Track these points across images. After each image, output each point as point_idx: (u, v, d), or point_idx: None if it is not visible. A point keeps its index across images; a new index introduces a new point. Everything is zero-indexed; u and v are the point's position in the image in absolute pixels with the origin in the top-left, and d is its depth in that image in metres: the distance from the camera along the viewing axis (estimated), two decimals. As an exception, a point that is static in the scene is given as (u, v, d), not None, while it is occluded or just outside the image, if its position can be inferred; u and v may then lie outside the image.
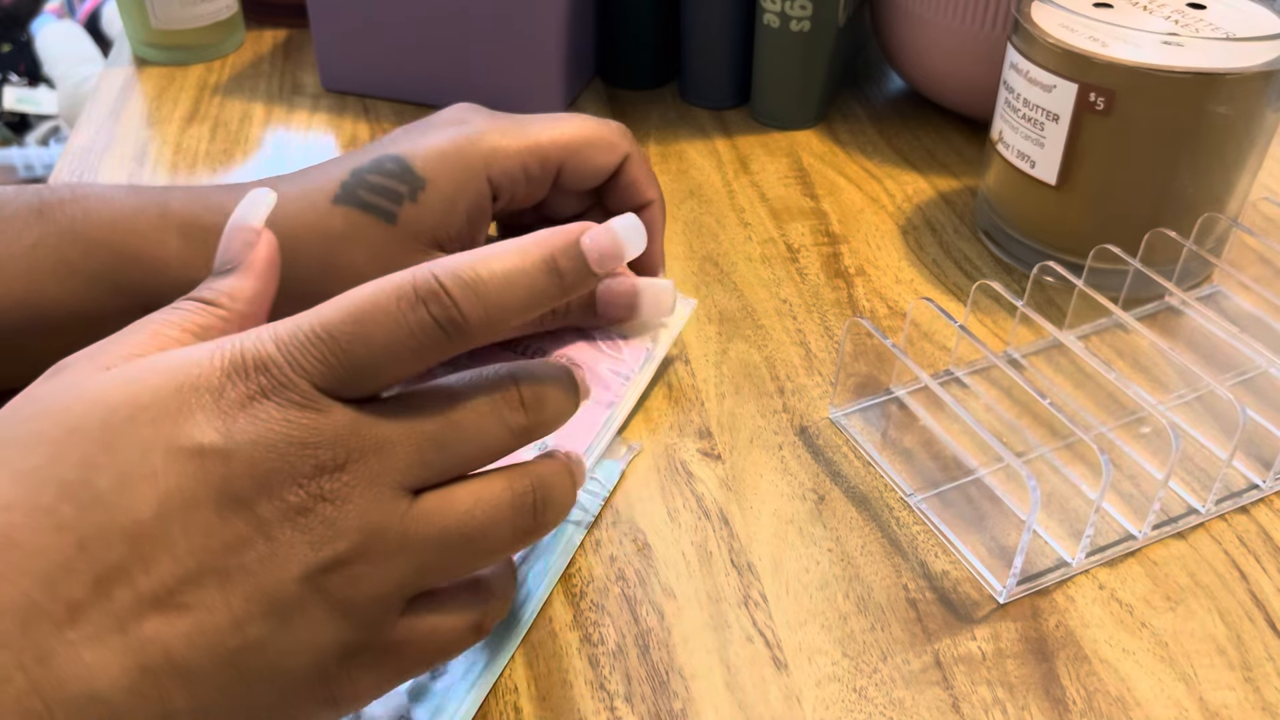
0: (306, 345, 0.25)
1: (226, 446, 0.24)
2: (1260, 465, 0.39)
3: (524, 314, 0.26)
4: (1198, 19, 0.45)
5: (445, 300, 0.25)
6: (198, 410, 0.24)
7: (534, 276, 0.26)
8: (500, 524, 0.27)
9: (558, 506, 0.28)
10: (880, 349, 0.43)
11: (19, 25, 1.90)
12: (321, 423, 0.24)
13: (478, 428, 0.26)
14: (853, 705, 0.31)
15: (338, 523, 0.24)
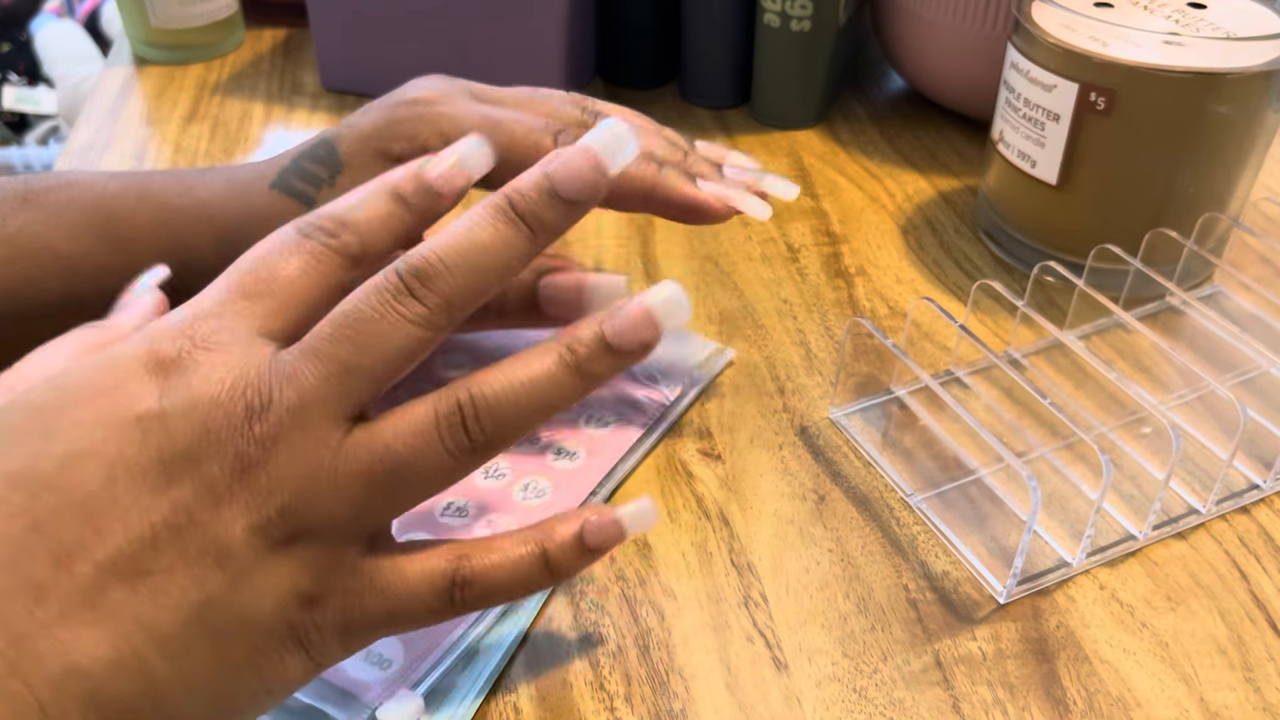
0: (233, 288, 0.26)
1: (162, 408, 0.24)
2: (1261, 465, 0.39)
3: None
4: (1198, 19, 0.45)
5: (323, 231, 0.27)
6: (129, 381, 0.25)
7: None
8: (429, 448, 0.26)
9: (496, 417, 0.26)
10: (881, 349, 0.43)
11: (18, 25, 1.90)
12: (247, 360, 0.25)
13: (377, 333, 0.26)
14: (853, 706, 0.31)
15: (273, 469, 0.25)
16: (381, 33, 0.61)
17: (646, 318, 0.27)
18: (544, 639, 0.33)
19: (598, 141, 0.28)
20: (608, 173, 0.28)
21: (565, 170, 0.27)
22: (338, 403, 0.25)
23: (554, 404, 0.27)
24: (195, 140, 0.60)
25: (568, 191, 0.27)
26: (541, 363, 0.27)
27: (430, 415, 0.26)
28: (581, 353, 0.27)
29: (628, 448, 0.39)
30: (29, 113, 1.81)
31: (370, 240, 0.28)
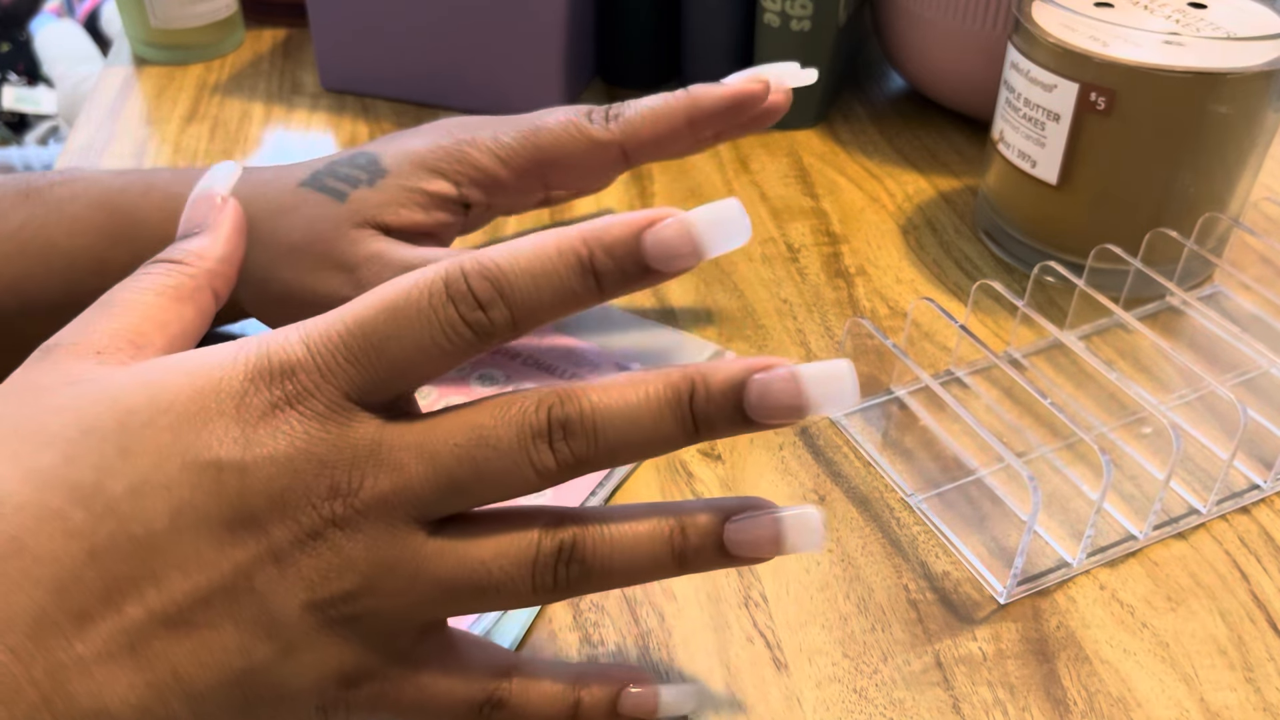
0: (339, 343, 0.24)
1: (243, 461, 0.23)
2: (1261, 465, 0.39)
3: (552, 316, 0.25)
4: (1198, 18, 0.45)
5: (471, 299, 0.24)
6: (217, 418, 0.23)
7: (563, 277, 0.24)
8: (519, 581, 0.25)
9: (590, 569, 0.25)
10: (881, 349, 0.43)
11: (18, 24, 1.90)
12: (342, 439, 0.23)
13: (501, 469, 0.24)
14: (853, 706, 0.31)
15: (346, 551, 0.24)
16: (381, 33, 0.61)
17: (772, 536, 0.25)
18: (544, 639, 0.33)
19: (811, 374, 0.24)
20: (807, 413, 0.24)
21: (763, 392, 0.24)
22: (430, 508, 0.24)
23: (645, 575, 0.26)
24: (195, 140, 0.60)
25: (756, 413, 0.25)
26: (650, 534, 0.25)
27: (532, 549, 0.25)
28: (691, 542, 0.25)
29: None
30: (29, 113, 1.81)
31: (526, 319, 0.24)
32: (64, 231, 0.36)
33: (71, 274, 0.36)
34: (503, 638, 0.33)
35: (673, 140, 0.40)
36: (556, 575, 0.25)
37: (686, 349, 0.44)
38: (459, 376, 0.41)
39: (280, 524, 0.23)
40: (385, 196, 0.38)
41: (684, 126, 0.39)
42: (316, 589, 0.23)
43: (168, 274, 0.27)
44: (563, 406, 0.24)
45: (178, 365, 0.24)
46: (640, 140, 0.39)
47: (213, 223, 0.29)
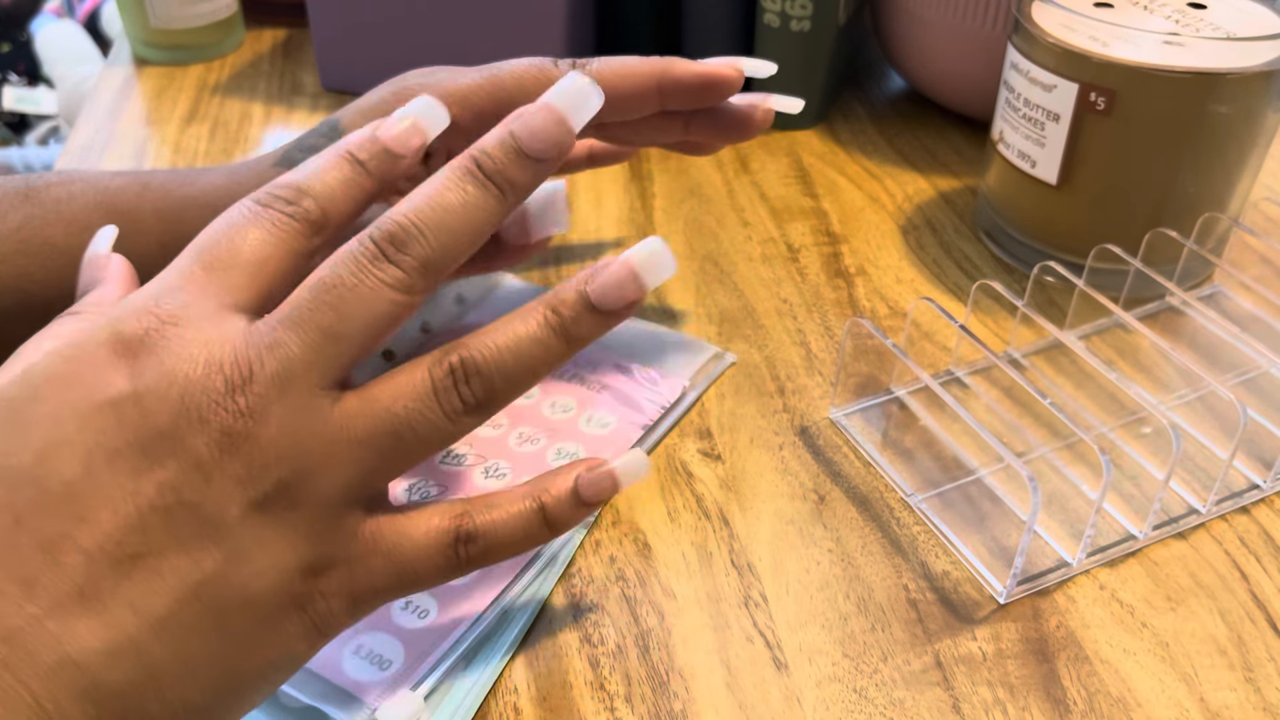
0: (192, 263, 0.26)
1: (134, 389, 0.24)
2: (1261, 465, 0.39)
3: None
4: (1198, 18, 0.45)
5: (281, 200, 0.27)
6: (96, 367, 0.24)
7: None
8: (428, 412, 0.26)
9: (490, 377, 0.26)
10: (881, 349, 0.43)
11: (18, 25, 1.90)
12: (221, 337, 0.25)
13: (356, 299, 0.25)
14: (853, 706, 0.31)
15: (264, 439, 0.24)
16: (381, 33, 0.61)
17: (630, 275, 0.28)
18: (544, 640, 0.33)
19: (559, 96, 0.28)
20: (572, 128, 0.28)
21: (528, 128, 0.27)
22: (322, 371, 0.25)
23: (541, 366, 0.27)
24: (195, 140, 0.60)
25: (533, 149, 0.27)
26: (526, 325, 0.27)
27: (426, 379, 0.26)
28: (566, 314, 0.27)
29: (628, 449, 0.39)
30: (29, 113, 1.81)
31: (330, 206, 0.28)
32: (62, 231, 0.37)
33: (71, 273, 0.37)
34: (503, 641, 0.33)
35: (640, 101, 0.38)
36: (461, 395, 0.26)
37: (687, 349, 0.44)
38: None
39: (191, 432, 0.24)
40: None
41: (653, 91, 0.38)
42: (246, 485, 0.24)
43: (71, 322, 0.28)
44: (381, 228, 0.26)
45: (43, 350, 0.25)
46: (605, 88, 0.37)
47: (105, 277, 0.30)
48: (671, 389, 0.41)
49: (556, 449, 0.39)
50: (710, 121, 0.41)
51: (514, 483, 0.37)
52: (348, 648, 0.32)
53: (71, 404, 0.24)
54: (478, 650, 0.32)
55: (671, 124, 0.41)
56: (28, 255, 0.36)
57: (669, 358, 0.43)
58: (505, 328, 0.27)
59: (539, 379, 0.27)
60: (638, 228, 0.52)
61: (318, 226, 0.27)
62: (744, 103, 0.41)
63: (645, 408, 0.40)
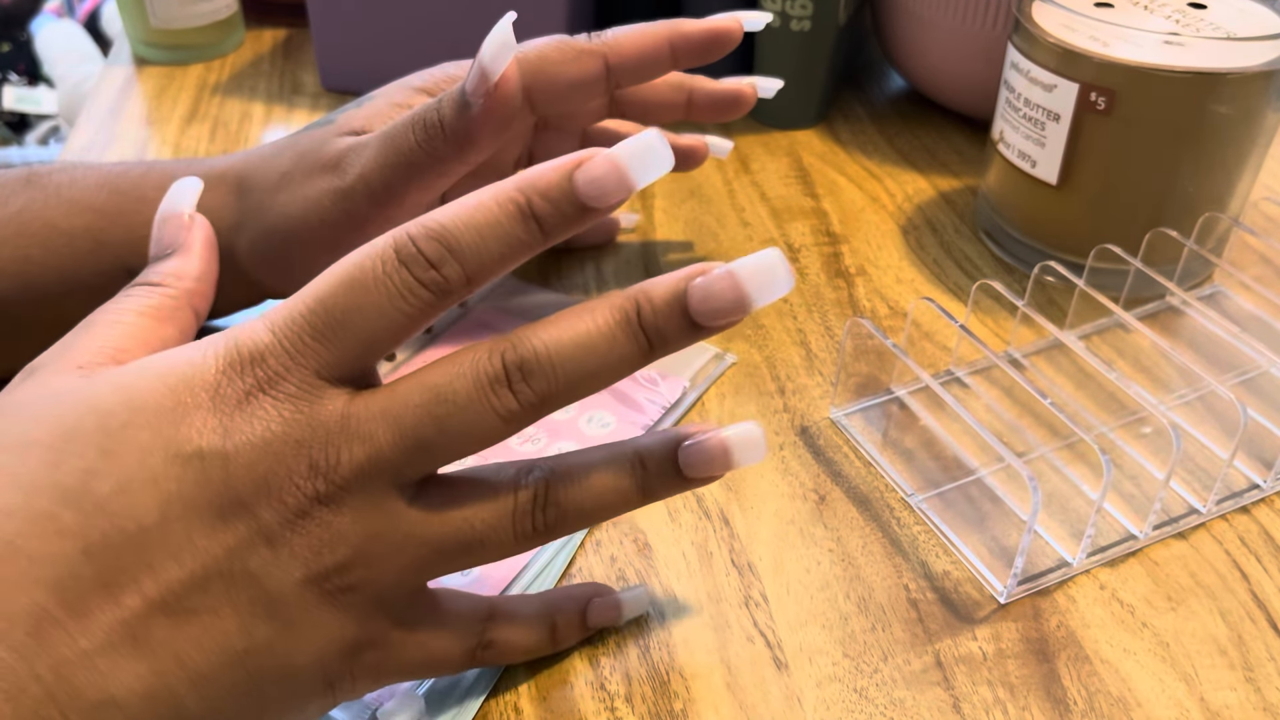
0: (303, 324, 0.24)
1: (224, 449, 0.24)
2: (1261, 465, 0.39)
3: (503, 267, 0.25)
4: (1199, 18, 0.45)
5: (423, 261, 0.25)
6: (194, 411, 0.24)
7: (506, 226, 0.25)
8: (501, 532, 0.26)
9: (565, 511, 0.27)
10: (881, 349, 0.43)
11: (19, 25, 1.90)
12: (315, 418, 0.24)
13: (463, 419, 0.25)
14: (853, 706, 0.31)
15: (335, 526, 0.24)
16: (381, 33, 0.61)
17: (721, 451, 0.27)
18: (544, 639, 0.33)
19: (747, 269, 0.26)
20: (749, 310, 0.26)
21: (704, 295, 0.25)
22: (405, 472, 0.25)
23: (614, 510, 0.28)
24: (195, 140, 0.60)
25: (701, 315, 0.26)
26: (614, 473, 0.27)
27: (510, 502, 0.26)
28: (650, 470, 0.27)
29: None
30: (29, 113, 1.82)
31: (477, 274, 0.25)
32: (63, 212, 0.37)
33: (70, 254, 0.37)
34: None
35: (655, 60, 0.40)
36: (534, 521, 0.26)
37: (688, 350, 0.44)
38: None
39: (267, 506, 0.24)
40: (370, 111, 0.38)
41: (665, 49, 0.39)
42: (310, 564, 0.24)
43: (148, 295, 0.28)
44: (516, 350, 0.25)
45: (150, 367, 0.25)
46: (623, 52, 0.39)
47: (185, 242, 0.30)
48: (672, 389, 0.41)
49: (556, 449, 0.39)
50: (709, 99, 0.44)
51: None
52: None
53: (161, 443, 0.23)
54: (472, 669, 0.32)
55: (677, 104, 0.43)
56: (28, 236, 0.36)
57: (669, 358, 0.43)
58: (593, 467, 0.27)
59: (607, 518, 0.28)
60: (638, 228, 0.52)
61: (455, 297, 0.25)
62: (732, 82, 0.44)
63: (646, 408, 0.40)
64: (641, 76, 0.40)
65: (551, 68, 0.38)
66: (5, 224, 0.36)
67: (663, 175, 0.26)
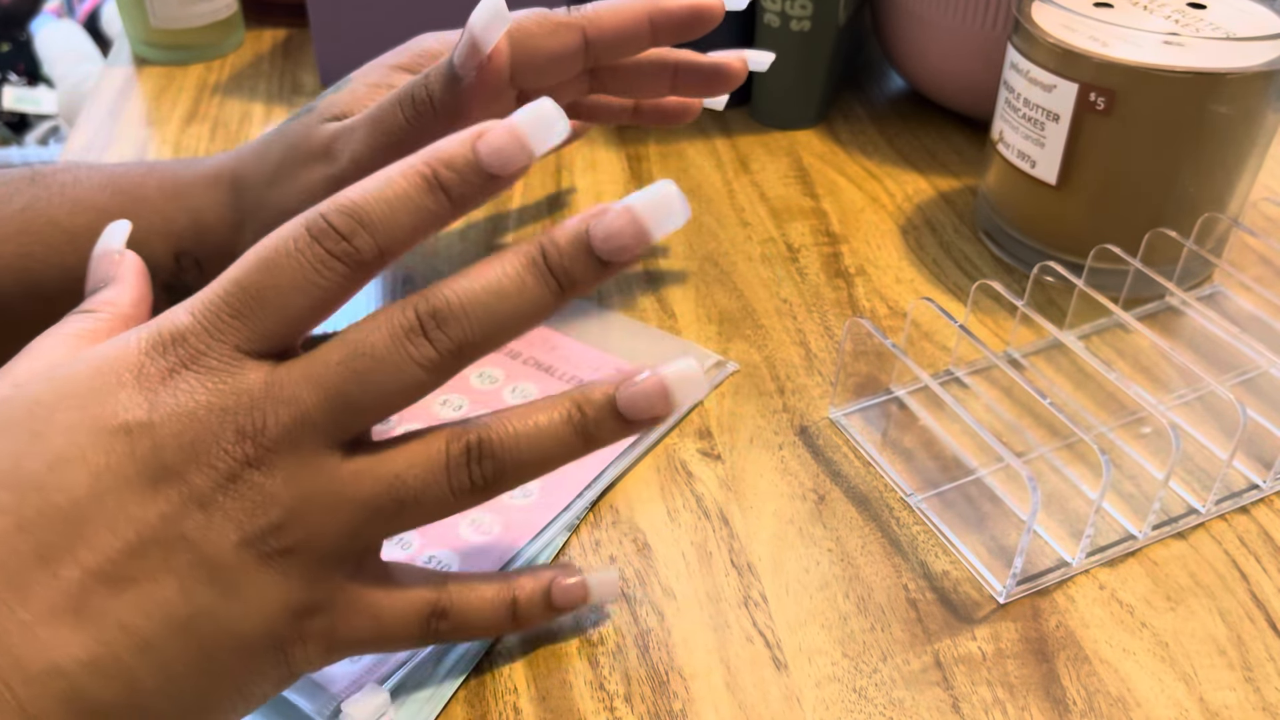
0: (221, 304, 0.25)
1: (150, 420, 0.24)
2: (1260, 465, 0.39)
3: (415, 238, 0.26)
4: (1198, 19, 0.45)
5: (334, 234, 0.25)
6: (118, 390, 0.24)
7: (414, 198, 0.26)
8: (435, 486, 0.26)
9: (503, 463, 0.27)
10: (880, 349, 0.43)
11: (18, 25, 1.90)
12: (238, 387, 0.25)
13: (383, 372, 0.25)
14: (853, 705, 0.31)
15: (267, 487, 0.25)
16: (381, 33, 0.61)
17: (660, 391, 0.27)
18: (544, 639, 0.33)
19: (642, 203, 0.26)
20: (650, 239, 0.26)
21: (606, 230, 0.26)
22: (334, 434, 0.25)
23: (555, 459, 0.27)
24: (195, 140, 0.60)
25: (604, 252, 0.26)
26: (549, 416, 0.27)
27: (442, 453, 0.26)
28: (590, 415, 0.27)
29: (618, 453, 0.39)
30: (29, 113, 1.82)
31: (389, 245, 0.26)
32: (66, 211, 0.37)
33: (73, 252, 0.37)
34: (473, 642, 0.33)
35: (634, 35, 0.39)
36: (471, 474, 0.26)
37: (689, 355, 0.44)
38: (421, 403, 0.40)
39: (197, 472, 0.24)
40: (350, 94, 0.38)
41: (645, 24, 0.39)
42: (245, 526, 0.24)
43: (84, 320, 0.29)
44: (428, 300, 0.26)
45: (77, 359, 0.26)
46: (602, 26, 0.39)
47: (117, 275, 0.30)
48: None
49: None
50: (695, 74, 0.43)
51: None
52: None
53: (89, 421, 0.24)
54: (448, 649, 0.32)
55: (660, 79, 0.43)
56: (30, 234, 0.37)
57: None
58: (529, 415, 0.27)
59: (551, 470, 0.28)
60: (638, 228, 0.52)
61: (370, 268, 0.26)
62: (721, 56, 0.43)
63: None
64: (621, 51, 0.40)
65: (531, 40, 0.38)
66: (8, 221, 0.37)
67: (558, 142, 0.27)
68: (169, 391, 0.24)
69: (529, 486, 0.37)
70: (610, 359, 0.43)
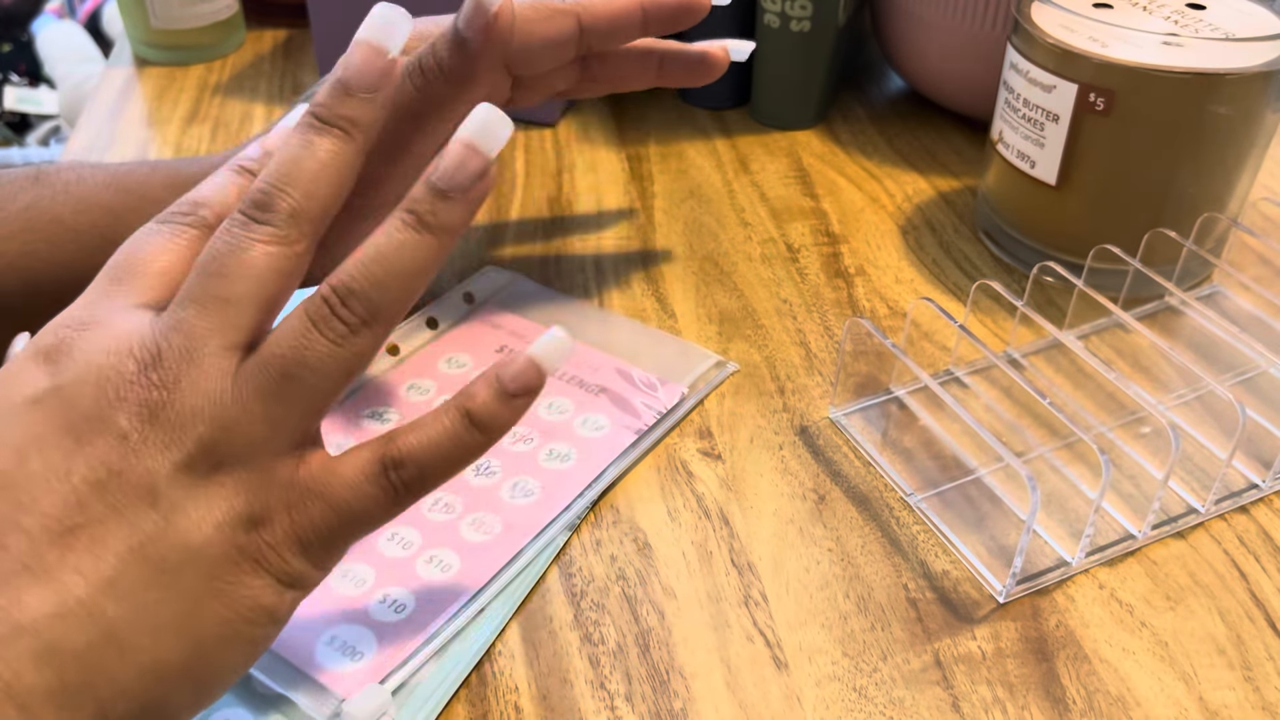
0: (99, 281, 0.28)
1: (55, 384, 0.25)
2: (1260, 465, 0.39)
3: None
4: (1197, 19, 0.45)
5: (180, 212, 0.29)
6: (19, 376, 0.26)
7: None
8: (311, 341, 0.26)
9: (361, 298, 0.27)
10: (880, 349, 0.43)
11: (19, 25, 1.90)
12: (124, 328, 0.26)
13: (235, 259, 0.26)
14: (853, 705, 0.31)
15: (179, 405, 0.25)
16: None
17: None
18: (544, 638, 0.33)
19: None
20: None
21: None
22: (225, 334, 0.26)
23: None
24: (196, 141, 0.60)
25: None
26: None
27: (302, 314, 0.27)
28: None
29: (618, 453, 0.39)
30: (30, 113, 1.82)
31: (225, 210, 0.29)
32: (70, 209, 0.37)
33: (76, 250, 0.37)
34: (474, 642, 0.33)
35: (627, 23, 0.41)
36: (342, 317, 0.27)
37: (689, 356, 0.44)
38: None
39: (112, 410, 0.25)
40: None
41: (637, 13, 0.41)
42: (171, 448, 0.25)
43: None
44: (253, 190, 0.27)
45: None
46: (595, 13, 0.40)
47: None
48: (670, 395, 0.41)
49: (549, 449, 0.39)
50: (680, 62, 0.44)
51: (502, 480, 0.37)
52: (321, 638, 0.32)
53: (5, 408, 0.25)
54: (449, 648, 0.32)
55: (647, 68, 0.44)
56: (34, 232, 0.37)
57: (670, 364, 0.43)
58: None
59: (416, 291, 0.28)
60: (638, 228, 0.52)
61: (214, 228, 0.28)
62: (703, 45, 0.45)
63: (642, 413, 0.40)
64: (613, 39, 0.41)
65: (527, 25, 0.39)
66: (13, 219, 0.37)
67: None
68: (67, 357, 0.26)
69: (530, 486, 0.37)
70: (610, 359, 0.43)
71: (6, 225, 0.37)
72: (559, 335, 0.28)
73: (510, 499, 0.37)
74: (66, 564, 0.24)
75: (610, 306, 0.47)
